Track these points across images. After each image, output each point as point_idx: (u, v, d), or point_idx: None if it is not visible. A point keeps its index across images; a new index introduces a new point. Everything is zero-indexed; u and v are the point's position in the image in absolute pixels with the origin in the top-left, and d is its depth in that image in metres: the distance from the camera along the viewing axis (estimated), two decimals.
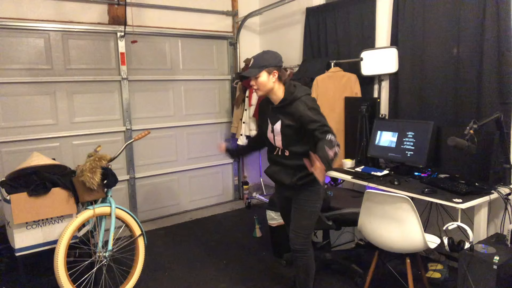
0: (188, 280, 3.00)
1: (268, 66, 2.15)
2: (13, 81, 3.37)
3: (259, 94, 2.23)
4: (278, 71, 2.17)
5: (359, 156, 3.35)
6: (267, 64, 2.15)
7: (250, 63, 2.20)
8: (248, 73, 2.17)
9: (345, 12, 3.62)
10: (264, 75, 2.15)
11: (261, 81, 2.16)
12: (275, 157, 2.34)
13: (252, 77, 2.18)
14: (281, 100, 2.20)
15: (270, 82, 2.17)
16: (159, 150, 4.19)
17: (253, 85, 2.21)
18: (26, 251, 2.55)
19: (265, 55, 2.19)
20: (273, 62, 2.16)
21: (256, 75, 2.15)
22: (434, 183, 2.64)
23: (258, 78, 2.16)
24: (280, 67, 2.19)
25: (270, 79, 2.16)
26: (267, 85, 2.17)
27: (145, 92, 4.06)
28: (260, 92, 2.21)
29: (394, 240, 2.34)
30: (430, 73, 3.02)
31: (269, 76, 2.16)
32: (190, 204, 4.47)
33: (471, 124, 2.40)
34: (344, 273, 2.99)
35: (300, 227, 2.29)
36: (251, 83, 2.21)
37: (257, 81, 2.17)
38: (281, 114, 2.22)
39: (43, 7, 3.45)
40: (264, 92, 2.21)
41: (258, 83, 2.17)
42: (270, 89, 2.19)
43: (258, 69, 2.15)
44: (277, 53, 2.22)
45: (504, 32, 2.56)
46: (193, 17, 4.31)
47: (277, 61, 2.18)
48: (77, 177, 2.64)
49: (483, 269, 2.13)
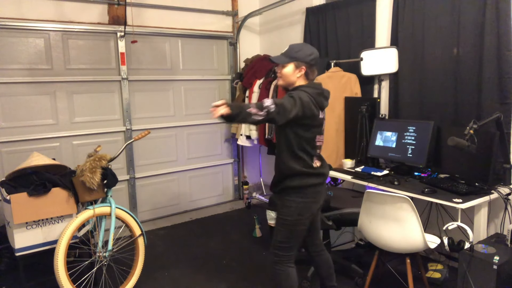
0: (188, 280, 3.00)
1: (298, 60, 2.08)
2: (13, 81, 3.37)
3: (280, 83, 2.17)
4: (306, 68, 2.10)
5: (359, 156, 3.35)
6: (298, 57, 2.08)
7: (284, 49, 2.14)
8: (276, 59, 2.11)
9: (345, 12, 3.62)
10: (291, 67, 2.09)
11: (286, 72, 2.11)
12: None
13: (279, 64, 2.12)
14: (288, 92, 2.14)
15: (294, 76, 2.10)
16: (159, 150, 4.19)
17: (278, 73, 2.15)
18: (26, 251, 2.55)
19: (302, 47, 2.11)
20: (305, 58, 2.08)
21: (283, 63, 2.10)
22: (434, 183, 2.64)
23: (284, 67, 2.11)
24: (312, 66, 2.11)
25: (295, 73, 2.10)
26: (290, 78, 2.11)
27: (145, 92, 4.06)
28: (281, 81, 2.15)
29: (394, 240, 2.34)
30: (430, 73, 3.02)
31: (295, 70, 2.09)
32: (190, 204, 4.47)
33: (471, 124, 2.40)
34: (344, 273, 2.99)
35: (275, 238, 2.20)
36: (277, 70, 2.16)
37: (281, 70, 2.12)
38: None
39: (43, 7, 3.45)
40: (285, 84, 2.14)
41: (282, 72, 2.12)
42: (292, 83, 2.12)
43: (288, 58, 2.09)
44: (315, 50, 2.13)
45: (504, 32, 2.56)
46: (193, 17, 4.31)
47: (310, 59, 2.10)
48: (77, 177, 2.64)
49: (483, 269, 2.13)
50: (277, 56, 2.12)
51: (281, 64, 2.10)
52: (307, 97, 2.02)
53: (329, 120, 3.52)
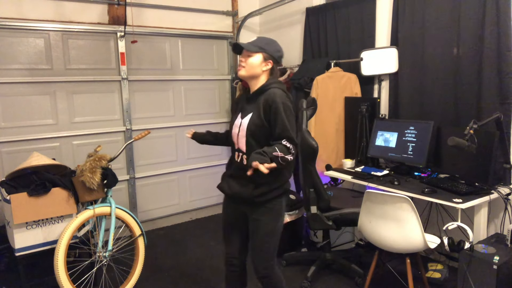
0: (188, 280, 3.00)
1: (268, 52, 1.93)
2: (13, 81, 3.37)
3: (241, 74, 1.95)
4: (273, 63, 1.96)
5: (359, 156, 3.35)
6: (267, 49, 1.93)
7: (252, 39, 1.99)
8: (244, 45, 1.92)
9: (345, 12, 3.62)
10: (259, 57, 1.92)
11: (252, 61, 1.92)
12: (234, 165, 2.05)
13: (244, 51, 1.93)
14: (256, 89, 1.97)
15: (260, 68, 1.93)
16: (159, 150, 4.19)
17: (241, 62, 1.94)
18: (26, 251, 2.55)
19: (271, 42, 1.97)
20: (274, 53, 1.95)
21: (252, 51, 1.91)
22: (434, 183, 2.64)
23: (251, 56, 1.92)
24: (278, 64, 1.99)
25: (261, 65, 1.93)
26: (255, 69, 1.92)
27: (145, 92, 4.05)
28: (244, 72, 1.94)
29: (394, 240, 2.34)
30: (430, 73, 3.02)
31: (262, 62, 1.93)
32: (190, 204, 4.47)
33: (471, 124, 2.40)
34: (344, 273, 2.99)
35: (260, 251, 2.02)
36: (240, 59, 1.94)
37: (247, 59, 1.92)
38: (255, 105, 1.95)
39: (43, 7, 3.45)
40: (248, 75, 1.94)
41: (247, 61, 1.92)
42: (255, 75, 1.94)
43: (257, 48, 1.92)
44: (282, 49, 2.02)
45: (504, 32, 2.56)
46: (193, 17, 4.31)
47: (278, 55, 1.97)
48: (77, 177, 2.64)
49: (483, 269, 2.13)
50: (244, 43, 1.93)
51: (248, 52, 1.92)
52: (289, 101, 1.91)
53: (329, 120, 3.52)
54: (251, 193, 1.95)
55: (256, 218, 2.00)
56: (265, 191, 1.95)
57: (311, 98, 2.89)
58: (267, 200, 1.96)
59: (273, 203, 1.99)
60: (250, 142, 1.93)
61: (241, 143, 1.97)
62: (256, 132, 1.91)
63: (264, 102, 1.91)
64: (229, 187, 2.05)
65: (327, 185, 3.48)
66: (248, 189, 1.96)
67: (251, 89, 2.01)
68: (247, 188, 1.96)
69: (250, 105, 1.98)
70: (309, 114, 2.83)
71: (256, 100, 1.96)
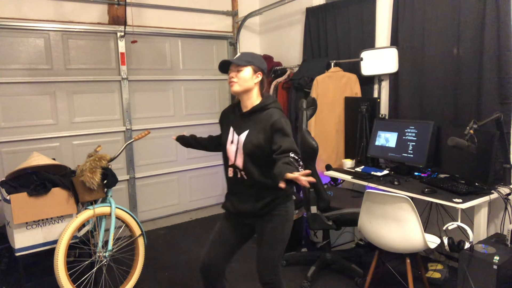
0: (188, 280, 3.00)
1: (256, 65, 1.93)
2: (13, 81, 3.37)
3: (235, 89, 1.92)
4: (262, 75, 1.96)
5: (359, 156, 3.35)
6: (255, 62, 1.93)
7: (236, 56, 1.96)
8: (234, 60, 1.91)
9: (345, 12, 3.62)
10: (249, 71, 1.91)
11: (244, 75, 1.91)
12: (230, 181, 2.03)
13: (233, 67, 1.92)
14: (254, 106, 1.95)
15: (252, 81, 1.92)
16: (159, 150, 4.19)
17: (232, 78, 1.91)
18: (26, 251, 2.55)
19: (255, 55, 1.98)
20: (260, 65, 1.96)
21: (241, 65, 1.90)
22: (434, 183, 2.64)
23: (241, 71, 1.91)
24: (265, 74, 1.99)
25: (253, 78, 1.92)
26: (248, 82, 1.91)
27: (145, 92, 4.05)
28: (238, 87, 1.92)
29: (394, 240, 2.34)
30: (430, 73, 3.02)
31: (253, 75, 1.93)
32: (190, 204, 4.47)
33: (471, 124, 2.40)
34: (344, 273, 2.99)
35: (267, 259, 2.01)
36: (231, 75, 1.92)
37: (238, 74, 1.91)
38: (251, 122, 1.94)
39: (43, 7, 3.45)
40: (242, 90, 1.92)
41: (239, 76, 1.90)
42: (248, 89, 1.93)
43: (245, 62, 1.91)
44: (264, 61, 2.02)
45: (504, 32, 2.56)
46: (193, 17, 4.31)
47: (264, 67, 1.98)
48: (77, 177, 2.64)
49: (483, 269, 2.13)
50: (233, 59, 1.93)
51: (237, 67, 1.91)
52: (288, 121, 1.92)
53: (329, 120, 3.52)
54: (254, 207, 1.96)
55: (263, 227, 2.00)
56: (268, 202, 1.95)
57: (311, 98, 2.89)
58: (272, 209, 1.97)
59: (278, 210, 1.98)
60: (247, 159, 1.92)
61: (238, 160, 1.95)
62: (254, 151, 1.90)
63: (264, 120, 1.90)
64: (232, 206, 2.05)
65: (327, 185, 3.48)
66: (250, 203, 1.96)
67: (244, 104, 1.98)
68: (249, 203, 1.97)
69: (245, 122, 1.96)
70: (309, 114, 2.83)
71: (252, 117, 1.95)
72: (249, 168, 1.92)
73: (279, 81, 3.93)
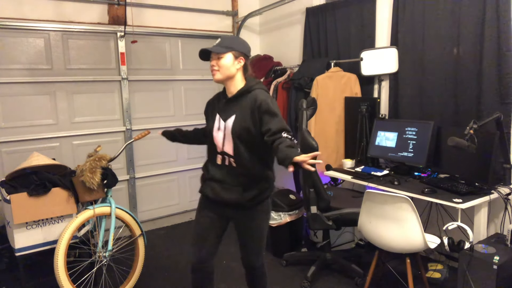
0: (188, 280, 3.00)
1: (237, 50, 1.87)
2: (13, 81, 3.37)
3: (217, 78, 1.89)
4: (245, 59, 1.91)
5: (359, 156, 3.35)
6: (236, 47, 1.87)
7: (216, 42, 1.88)
8: (212, 48, 1.85)
9: (345, 12, 3.62)
10: (229, 57, 1.86)
11: (224, 63, 1.86)
12: (216, 168, 1.98)
13: (213, 55, 1.87)
14: (239, 90, 1.91)
15: (234, 67, 1.88)
16: (159, 150, 4.19)
17: (213, 66, 1.87)
18: (26, 251, 2.55)
19: (236, 39, 1.93)
20: (242, 48, 1.90)
21: (220, 53, 1.84)
22: (434, 183, 2.64)
23: (222, 58, 1.85)
24: (248, 58, 1.94)
25: (234, 64, 1.87)
26: (230, 70, 1.87)
27: (145, 92, 4.05)
28: (219, 75, 1.88)
29: (394, 240, 2.34)
30: (430, 73, 3.01)
31: (234, 61, 1.87)
32: (190, 204, 4.47)
33: (471, 124, 2.40)
34: (344, 273, 2.99)
35: (258, 250, 2.08)
36: (212, 63, 1.88)
37: (219, 62, 1.86)
38: (237, 106, 1.90)
39: (43, 7, 3.45)
40: (223, 77, 1.89)
41: (220, 64, 1.86)
42: (231, 76, 1.89)
43: (225, 48, 1.85)
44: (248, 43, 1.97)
45: (504, 32, 2.56)
46: (193, 17, 4.30)
47: (247, 50, 1.93)
48: (77, 177, 2.64)
49: (483, 269, 2.13)
50: (215, 47, 1.86)
51: (216, 54, 1.85)
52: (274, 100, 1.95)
53: (329, 120, 3.52)
54: (241, 198, 1.93)
55: (249, 221, 2.01)
56: (256, 194, 1.94)
57: (311, 98, 2.89)
58: (258, 202, 1.97)
59: (263, 205, 2.00)
60: (237, 144, 1.89)
61: (227, 146, 1.92)
62: (242, 134, 1.87)
63: (250, 103, 1.87)
64: (213, 192, 2.00)
65: (327, 185, 3.48)
66: (237, 193, 1.93)
67: (229, 90, 1.95)
68: (236, 193, 1.93)
69: (231, 107, 1.93)
70: (309, 114, 2.83)
71: (238, 102, 1.92)
72: (239, 154, 1.88)
73: (279, 81, 3.93)
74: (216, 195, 1.99)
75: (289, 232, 3.32)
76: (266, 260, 2.20)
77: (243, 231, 2.06)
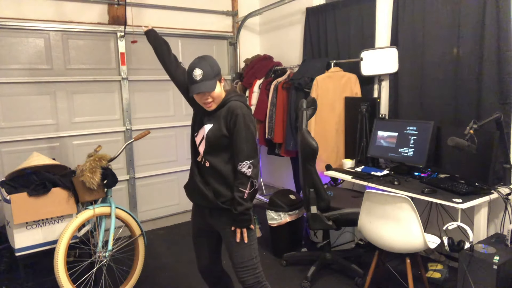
0: (188, 280, 3.00)
1: (218, 74, 1.87)
2: (13, 81, 3.37)
3: (213, 108, 1.90)
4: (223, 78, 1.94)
5: (359, 156, 3.35)
6: (216, 72, 1.86)
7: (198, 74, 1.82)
8: (207, 88, 1.81)
9: (345, 12, 3.62)
10: (218, 86, 1.87)
11: (217, 93, 1.86)
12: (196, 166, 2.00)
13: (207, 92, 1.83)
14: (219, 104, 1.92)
15: (221, 90, 1.90)
16: (159, 150, 4.19)
17: (208, 100, 1.86)
18: (26, 251, 2.55)
19: (209, 61, 1.87)
20: (219, 69, 1.89)
21: (214, 88, 1.83)
22: (434, 183, 2.64)
23: (214, 90, 1.84)
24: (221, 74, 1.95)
25: (220, 87, 1.90)
26: (221, 96, 1.90)
27: (145, 92, 4.05)
28: (215, 105, 1.89)
29: (394, 240, 2.34)
30: (430, 73, 3.02)
31: (220, 85, 1.90)
32: (190, 204, 4.47)
33: (471, 124, 2.40)
34: (344, 273, 2.99)
35: (243, 261, 1.93)
36: (207, 100, 1.86)
37: (212, 94, 1.85)
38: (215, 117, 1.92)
39: (43, 7, 3.45)
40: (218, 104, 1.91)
41: (213, 95, 1.85)
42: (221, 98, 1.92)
43: (214, 80, 1.84)
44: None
45: (504, 32, 2.56)
46: (193, 17, 4.31)
47: (219, 68, 1.92)
48: (77, 177, 2.64)
49: (483, 269, 2.13)
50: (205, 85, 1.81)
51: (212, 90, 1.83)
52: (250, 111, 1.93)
53: (329, 120, 3.52)
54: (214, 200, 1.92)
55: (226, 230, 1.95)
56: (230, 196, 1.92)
57: (311, 98, 2.89)
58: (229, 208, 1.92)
59: None
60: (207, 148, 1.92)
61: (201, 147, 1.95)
62: (214, 141, 1.90)
63: (225, 114, 1.89)
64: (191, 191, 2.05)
65: (327, 185, 3.48)
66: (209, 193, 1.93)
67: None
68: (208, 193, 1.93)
69: (211, 118, 1.94)
70: (309, 114, 2.83)
71: (217, 114, 1.93)
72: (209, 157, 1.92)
73: (279, 81, 3.93)
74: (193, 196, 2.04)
75: (289, 232, 3.32)
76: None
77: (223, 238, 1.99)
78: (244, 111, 1.88)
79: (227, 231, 1.94)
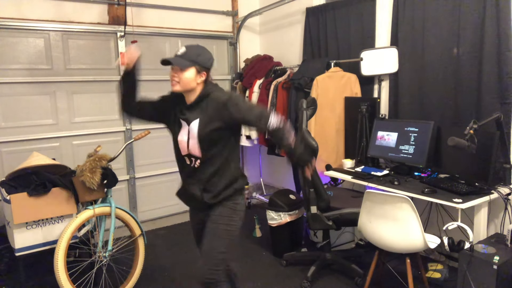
0: (188, 280, 3.00)
1: (200, 65, 1.83)
2: (13, 81, 3.37)
3: (176, 89, 1.85)
4: (207, 74, 1.88)
5: (359, 156, 3.35)
6: (200, 62, 1.83)
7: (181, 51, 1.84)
8: (175, 61, 1.80)
9: (345, 12, 3.62)
10: (192, 72, 1.82)
11: (186, 77, 1.82)
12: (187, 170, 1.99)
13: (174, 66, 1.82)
14: (198, 96, 1.87)
15: (195, 82, 1.84)
16: (159, 150, 4.19)
17: (174, 76, 1.83)
18: (26, 251, 2.55)
19: (201, 51, 1.86)
20: (206, 63, 1.86)
21: (185, 67, 1.80)
22: (434, 183, 2.64)
23: (184, 71, 1.81)
24: (210, 71, 1.90)
25: (196, 79, 1.84)
26: (190, 84, 1.84)
27: (145, 92, 4.00)
28: (179, 87, 1.84)
29: (394, 240, 2.34)
30: (430, 73, 3.02)
31: (196, 76, 1.84)
32: None
33: (471, 124, 2.40)
34: (344, 273, 2.99)
35: (209, 249, 1.87)
36: (172, 73, 1.83)
37: (180, 74, 1.81)
38: (198, 111, 1.87)
39: (43, 7, 3.45)
40: (182, 89, 1.85)
41: (181, 77, 1.81)
42: (191, 89, 1.85)
43: (189, 62, 1.81)
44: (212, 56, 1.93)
45: (504, 32, 2.56)
46: (193, 17, 4.31)
47: (210, 63, 1.89)
48: (77, 177, 2.64)
49: (483, 269, 2.13)
50: (176, 58, 1.82)
51: (180, 67, 1.81)
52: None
53: (329, 120, 3.52)
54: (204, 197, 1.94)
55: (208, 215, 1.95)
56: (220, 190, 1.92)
57: (311, 98, 2.89)
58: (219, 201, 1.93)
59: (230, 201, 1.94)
60: (203, 146, 1.86)
61: (193, 149, 1.89)
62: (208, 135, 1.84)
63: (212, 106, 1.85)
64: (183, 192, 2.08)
65: (327, 185, 3.48)
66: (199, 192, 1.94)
67: (188, 98, 1.91)
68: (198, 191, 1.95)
69: (192, 112, 1.89)
70: (309, 114, 2.83)
71: (198, 106, 1.88)
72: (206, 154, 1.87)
73: (279, 81, 3.93)
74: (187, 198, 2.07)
75: (289, 232, 3.32)
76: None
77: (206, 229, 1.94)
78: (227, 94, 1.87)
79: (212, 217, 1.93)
